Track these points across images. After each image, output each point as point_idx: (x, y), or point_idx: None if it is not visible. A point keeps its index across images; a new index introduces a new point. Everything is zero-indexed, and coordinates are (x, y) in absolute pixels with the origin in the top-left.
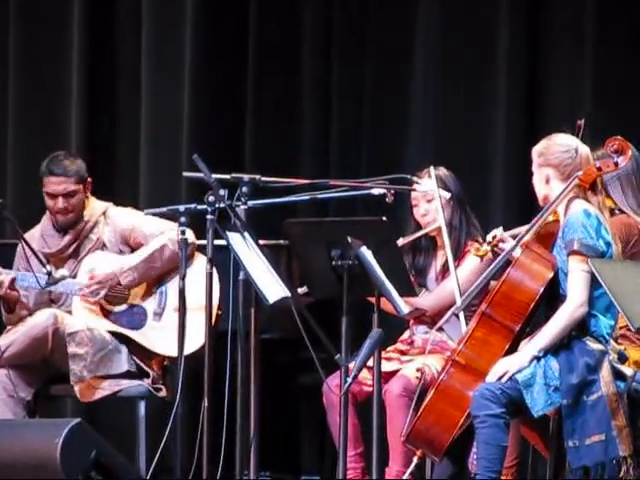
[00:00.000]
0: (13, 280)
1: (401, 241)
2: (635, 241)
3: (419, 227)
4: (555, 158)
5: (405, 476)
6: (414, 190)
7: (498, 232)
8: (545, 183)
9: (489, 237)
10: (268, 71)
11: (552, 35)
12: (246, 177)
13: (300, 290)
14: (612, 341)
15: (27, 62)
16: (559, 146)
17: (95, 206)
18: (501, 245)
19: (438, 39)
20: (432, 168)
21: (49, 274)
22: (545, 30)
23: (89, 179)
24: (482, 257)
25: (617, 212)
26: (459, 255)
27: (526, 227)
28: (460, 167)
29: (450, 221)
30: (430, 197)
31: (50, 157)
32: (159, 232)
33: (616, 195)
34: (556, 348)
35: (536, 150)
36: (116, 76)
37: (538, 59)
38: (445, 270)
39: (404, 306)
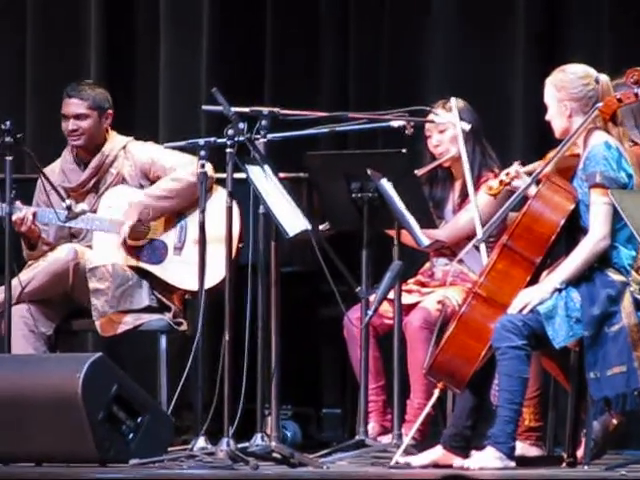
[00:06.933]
0: (34, 215)
1: (417, 173)
2: None
3: (434, 158)
4: (579, 91)
5: (426, 409)
6: (432, 122)
7: (512, 170)
8: (568, 117)
9: (502, 176)
10: (288, 4)
11: None
12: (265, 110)
13: (322, 227)
14: (633, 272)
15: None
16: (580, 79)
17: (116, 140)
18: (515, 182)
19: None
20: (453, 99)
21: (69, 208)
22: None
23: (109, 111)
24: (495, 196)
25: (631, 144)
26: (475, 187)
27: (541, 162)
28: (479, 102)
29: None
30: (442, 128)
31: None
32: (178, 165)
33: (629, 127)
34: (577, 280)
35: (553, 83)
36: (134, 10)
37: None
38: (462, 201)
39: (424, 238)
